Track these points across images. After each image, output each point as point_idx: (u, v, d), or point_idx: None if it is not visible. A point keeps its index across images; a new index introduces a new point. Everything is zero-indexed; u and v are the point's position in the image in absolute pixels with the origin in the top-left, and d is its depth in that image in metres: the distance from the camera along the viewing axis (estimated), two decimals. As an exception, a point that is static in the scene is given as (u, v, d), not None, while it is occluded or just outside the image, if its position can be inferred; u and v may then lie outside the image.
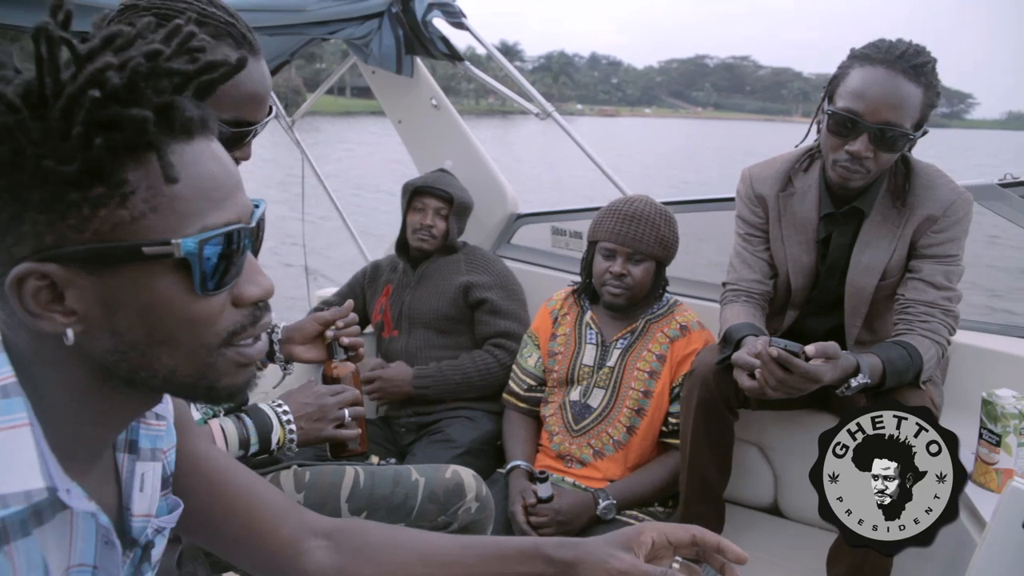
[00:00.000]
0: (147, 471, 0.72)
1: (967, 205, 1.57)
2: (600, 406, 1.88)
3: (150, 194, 0.54)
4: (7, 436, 0.55)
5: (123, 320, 0.56)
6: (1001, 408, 1.42)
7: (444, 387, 2.11)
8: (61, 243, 0.53)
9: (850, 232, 1.64)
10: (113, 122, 0.51)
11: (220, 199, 0.57)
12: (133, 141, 0.52)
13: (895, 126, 1.45)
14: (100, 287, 0.54)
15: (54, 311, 0.54)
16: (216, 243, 0.57)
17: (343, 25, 2.37)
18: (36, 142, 0.50)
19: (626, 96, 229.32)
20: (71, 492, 0.58)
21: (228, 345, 0.60)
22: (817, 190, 1.66)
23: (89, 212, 0.52)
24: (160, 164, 0.53)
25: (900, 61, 1.45)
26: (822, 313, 1.73)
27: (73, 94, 0.50)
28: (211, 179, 0.57)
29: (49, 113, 0.50)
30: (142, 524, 0.71)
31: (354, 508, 1.34)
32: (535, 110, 2.55)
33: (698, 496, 1.71)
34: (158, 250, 0.54)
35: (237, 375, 0.62)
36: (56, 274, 0.53)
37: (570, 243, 2.56)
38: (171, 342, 0.58)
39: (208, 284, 0.57)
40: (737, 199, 1.79)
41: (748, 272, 1.74)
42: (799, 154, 1.72)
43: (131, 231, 0.53)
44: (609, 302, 1.88)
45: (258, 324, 0.63)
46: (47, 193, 0.51)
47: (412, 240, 2.24)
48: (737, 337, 1.54)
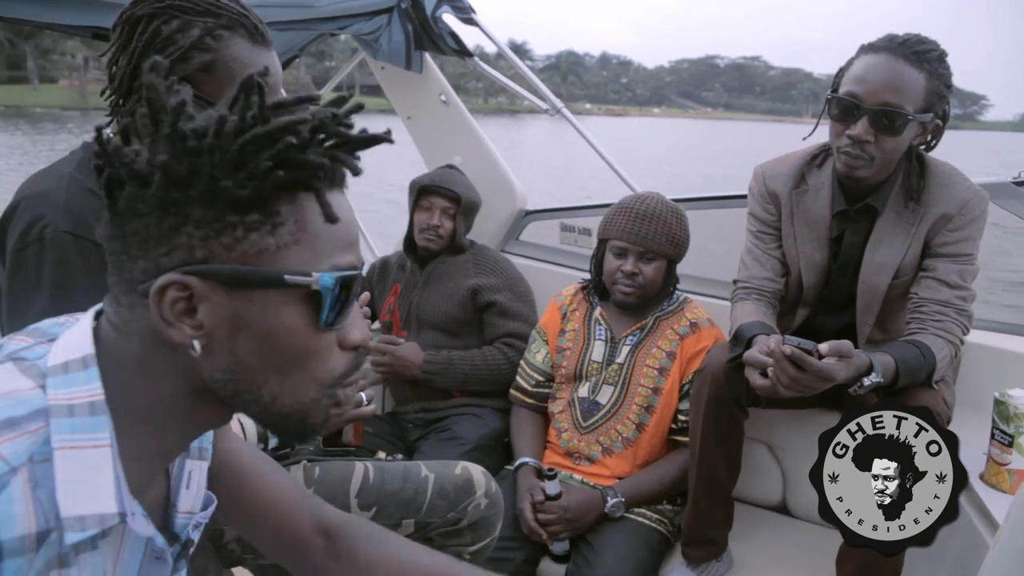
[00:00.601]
0: (195, 469, 0.76)
1: (983, 204, 1.56)
2: (609, 403, 1.87)
3: (296, 228, 0.59)
4: (90, 456, 0.58)
5: (245, 342, 0.60)
6: (1014, 408, 1.41)
7: (452, 376, 2.10)
8: (209, 259, 0.57)
9: (863, 230, 1.63)
10: (293, 163, 0.57)
11: (349, 244, 0.63)
12: (304, 181, 0.59)
13: (894, 107, 1.45)
14: (232, 306, 0.59)
15: (185, 322, 0.58)
16: (342, 283, 0.62)
17: (352, 20, 2.36)
18: (216, 166, 0.56)
19: (636, 96, 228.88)
20: (135, 516, 0.62)
21: (337, 386, 0.65)
22: (830, 187, 1.65)
23: (242, 235, 0.58)
24: (320, 204, 0.60)
25: (902, 48, 1.46)
26: (834, 311, 1.72)
27: (263, 135, 0.57)
28: (344, 226, 0.62)
29: (228, 145, 0.56)
30: (185, 521, 0.74)
31: (363, 504, 1.34)
32: (545, 107, 2.54)
33: (707, 494, 1.70)
34: (298, 280, 0.59)
35: (327, 417, 0.66)
36: (196, 287, 0.57)
37: (579, 240, 2.55)
38: (283, 370, 0.62)
39: (329, 320, 0.62)
40: (749, 196, 1.78)
41: (760, 270, 1.73)
42: (813, 151, 1.71)
43: (273, 259, 0.59)
44: (620, 300, 1.88)
45: (360, 370, 0.68)
46: (211, 212, 0.57)
47: (419, 240, 2.23)
48: (748, 335, 1.53)
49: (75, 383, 0.59)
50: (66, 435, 0.57)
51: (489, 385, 2.13)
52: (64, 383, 0.59)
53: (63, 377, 0.59)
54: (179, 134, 0.56)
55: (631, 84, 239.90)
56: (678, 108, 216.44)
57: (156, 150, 0.57)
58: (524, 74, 2.54)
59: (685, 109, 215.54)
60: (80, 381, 0.59)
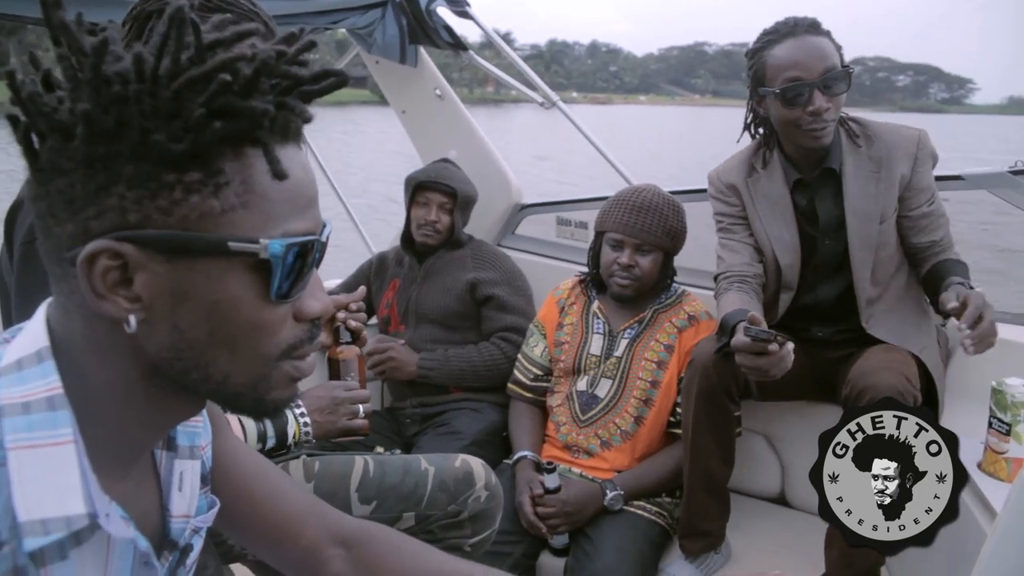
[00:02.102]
0: (186, 469, 0.71)
1: (928, 137, 1.70)
2: (607, 396, 1.87)
3: (243, 189, 0.53)
4: (50, 454, 0.53)
5: (187, 315, 0.54)
6: (1011, 397, 1.42)
7: (448, 374, 2.11)
8: (144, 224, 0.51)
9: (830, 194, 1.70)
10: (232, 111, 0.51)
11: (303, 207, 0.57)
12: (247, 132, 0.52)
13: (833, 68, 1.59)
14: (172, 276, 0.53)
15: (119, 295, 0.52)
16: (295, 251, 0.56)
17: (346, 14, 2.35)
18: (147, 115, 0.49)
19: (624, 84, 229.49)
20: (110, 517, 0.56)
21: (286, 358, 0.59)
22: (780, 166, 1.73)
23: (181, 196, 0.51)
24: (268, 160, 0.53)
25: (798, 28, 1.61)
26: (828, 279, 1.76)
27: (197, 77, 0.50)
28: (297, 186, 0.56)
29: (160, 91, 0.49)
30: (181, 525, 0.69)
31: (364, 497, 1.34)
32: (540, 99, 2.54)
33: (702, 486, 1.71)
34: (244, 247, 0.53)
35: (286, 389, 0.61)
36: (131, 255, 0.51)
37: (575, 233, 2.54)
38: (231, 345, 0.56)
39: (282, 291, 0.56)
40: (711, 200, 1.84)
41: (735, 258, 1.76)
42: (753, 145, 1.80)
43: (217, 224, 0.52)
44: (617, 293, 1.88)
45: (314, 342, 0.62)
46: (143, 169, 0.50)
47: (417, 235, 2.23)
48: (732, 324, 1.55)
49: (29, 379, 0.54)
50: (22, 434, 0.52)
51: (486, 381, 2.13)
52: (17, 380, 0.54)
53: (16, 375, 0.54)
54: (102, 78, 0.49)
55: (620, 72, 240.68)
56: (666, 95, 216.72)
57: (78, 97, 0.50)
58: (519, 67, 2.54)
59: (672, 96, 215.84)
60: (35, 376, 0.54)
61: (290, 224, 0.55)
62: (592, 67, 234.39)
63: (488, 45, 2.56)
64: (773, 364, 1.43)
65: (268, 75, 0.52)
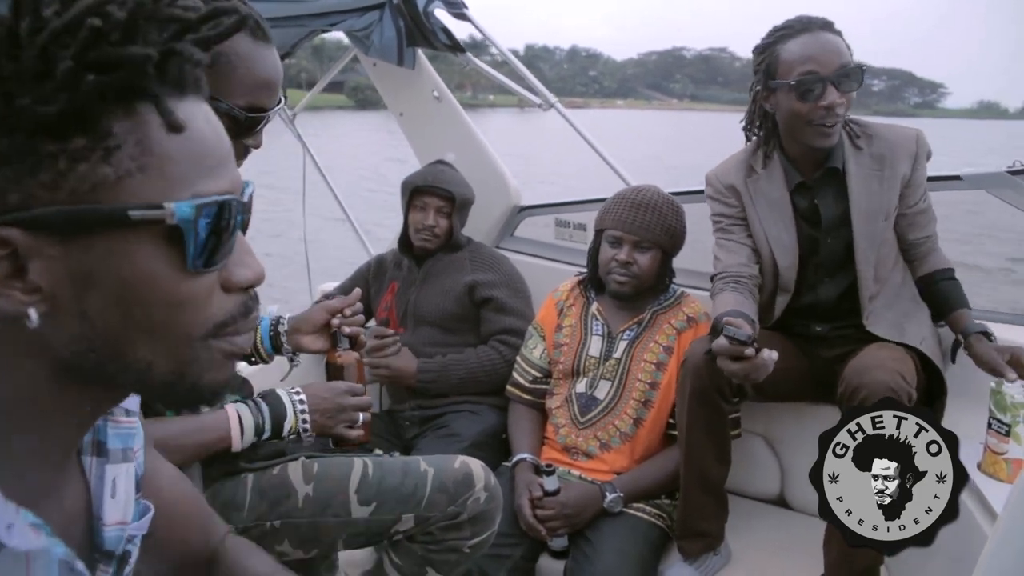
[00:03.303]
0: (119, 474, 0.64)
1: (925, 136, 1.72)
2: (607, 398, 1.87)
3: (138, 151, 0.47)
4: None
5: (96, 301, 0.48)
6: (1010, 398, 1.42)
7: (447, 382, 2.10)
8: (29, 203, 0.45)
9: (832, 193, 1.71)
10: (108, 62, 0.44)
11: (213, 166, 0.51)
12: (128, 85, 0.45)
13: (848, 64, 1.59)
14: (72, 259, 0.46)
15: (14, 288, 0.46)
16: (209, 213, 0.50)
17: (344, 16, 2.35)
18: (8, 79, 0.43)
19: (603, 88, 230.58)
20: (12, 528, 0.49)
21: (215, 336, 0.53)
22: (781, 168, 1.73)
23: (66, 167, 0.45)
24: (159, 112, 0.47)
25: (812, 24, 1.62)
26: (830, 278, 1.76)
27: (61, 28, 0.44)
28: (204, 143, 0.50)
29: (24, 52, 0.44)
30: (117, 533, 0.62)
31: (363, 499, 1.33)
32: (538, 101, 2.54)
33: (698, 486, 1.71)
34: (148, 215, 0.47)
35: (222, 370, 0.54)
36: (20, 241, 0.45)
37: (574, 235, 2.54)
38: (151, 329, 0.50)
39: (200, 259, 0.50)
40: (709, 201, 1.83)
41: (731, 258, 1.76)
42: (751, 146, 1.80)
43: (114, 193, 0.46)
44: (615, 290, 1.88)
45: (249, 317, 0.56)
46: (17, 141, 0.44)
47: (415, 239, 2.22)
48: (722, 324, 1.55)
49: None
50: None
51: (486, 386, 2.12)
52: None
53: None
54: None
55: (599, 77, 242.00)
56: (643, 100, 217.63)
57: None
58: (517, 69, 2.54)
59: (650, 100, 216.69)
60: None
61: (200, 185, 0.50)
62: (570, 72, 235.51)
63: (474, 47, 2.57)
64: (750, 369, 1.42)
65: (147, 18, 0.46)
